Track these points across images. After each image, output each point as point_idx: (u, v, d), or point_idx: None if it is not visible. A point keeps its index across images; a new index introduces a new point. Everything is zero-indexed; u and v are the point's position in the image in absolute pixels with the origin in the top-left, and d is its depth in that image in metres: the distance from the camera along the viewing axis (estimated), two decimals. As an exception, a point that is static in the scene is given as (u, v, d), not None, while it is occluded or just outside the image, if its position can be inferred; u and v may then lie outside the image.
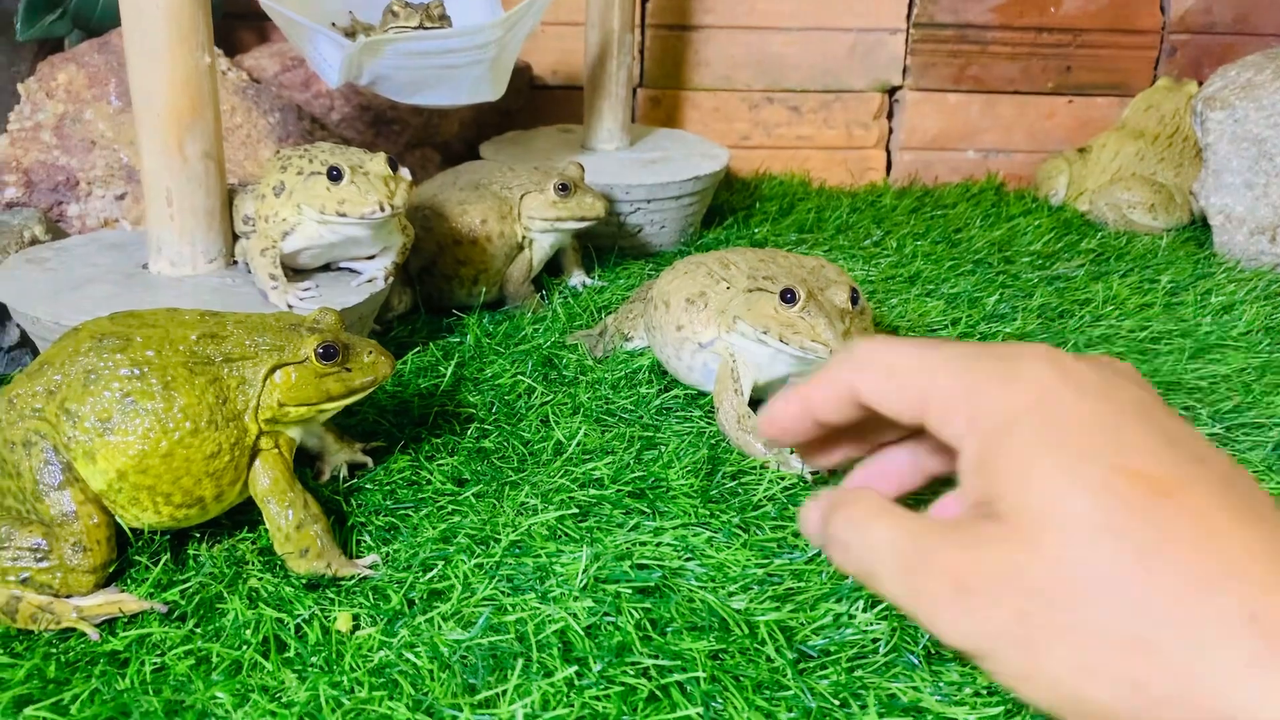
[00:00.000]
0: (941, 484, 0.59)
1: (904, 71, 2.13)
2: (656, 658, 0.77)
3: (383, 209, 1.10)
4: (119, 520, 0.86)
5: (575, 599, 0.83)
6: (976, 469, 0.56)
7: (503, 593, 0.85)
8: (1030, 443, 0.54)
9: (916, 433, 0.63)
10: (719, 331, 1.12)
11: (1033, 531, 0.52)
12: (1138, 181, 1.91)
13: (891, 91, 2.16)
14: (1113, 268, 1.67)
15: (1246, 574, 0.49)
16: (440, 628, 0.81)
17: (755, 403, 1.19)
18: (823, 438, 0.69)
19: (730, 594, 0.85)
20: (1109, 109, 2.18)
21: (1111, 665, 0.51)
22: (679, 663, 0.77)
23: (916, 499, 0.62)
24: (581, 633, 0.79)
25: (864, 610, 0.83)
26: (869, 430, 0.68)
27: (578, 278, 1.57)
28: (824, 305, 1.03)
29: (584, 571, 0.87)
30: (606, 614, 0.82)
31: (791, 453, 1.08)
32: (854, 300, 1.05)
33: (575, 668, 0.76)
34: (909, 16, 2.09)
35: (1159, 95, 2.02)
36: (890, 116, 2.18)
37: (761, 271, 1.12)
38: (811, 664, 0.78)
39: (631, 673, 0.76)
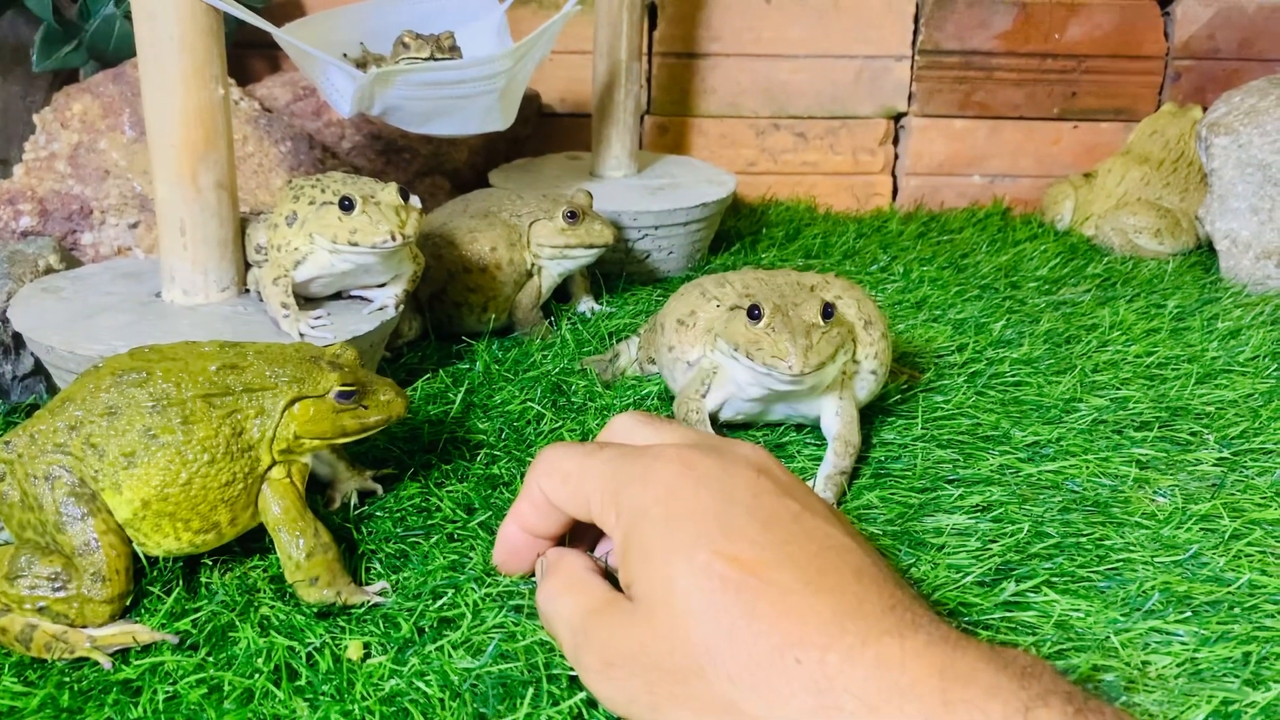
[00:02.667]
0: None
1: (909, 98, 2.14)
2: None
3: (394, 238, 1.11)
4: (140, 549, 0.87)
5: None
6: (622, 558, 0.69)
7: (512, 621, 0.85)
8: (652, 535, 0.66)
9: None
10: (704, 350, 1.13)
11: (652, 613, 0.65)
12: (1143, 206, 1.92)
13: (897, 118, 2.17)
14: (1119, 293, 1.67)
15: (810, 646, 0.59)
16: (451, 656, 0.81)
17: (734, 429, 1.19)
18: (511, 556, 0.84)
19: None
20: (1114, 134, 2.19)
21: None
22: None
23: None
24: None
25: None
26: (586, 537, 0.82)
27: (586, 304, 1.58)
28: (790, 321, 1.03)
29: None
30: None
31: None
32: (826, 315, 1.05)
33: (584, 693, 0.77)
34: (914, 43, 2.10)
35: (1164, 120, 2.03)
36: (896, 142, 2.19)
37: (751, 289, 1.13)
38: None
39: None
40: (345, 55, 1.47)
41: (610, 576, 0.75)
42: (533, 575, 0.86)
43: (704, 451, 0.72)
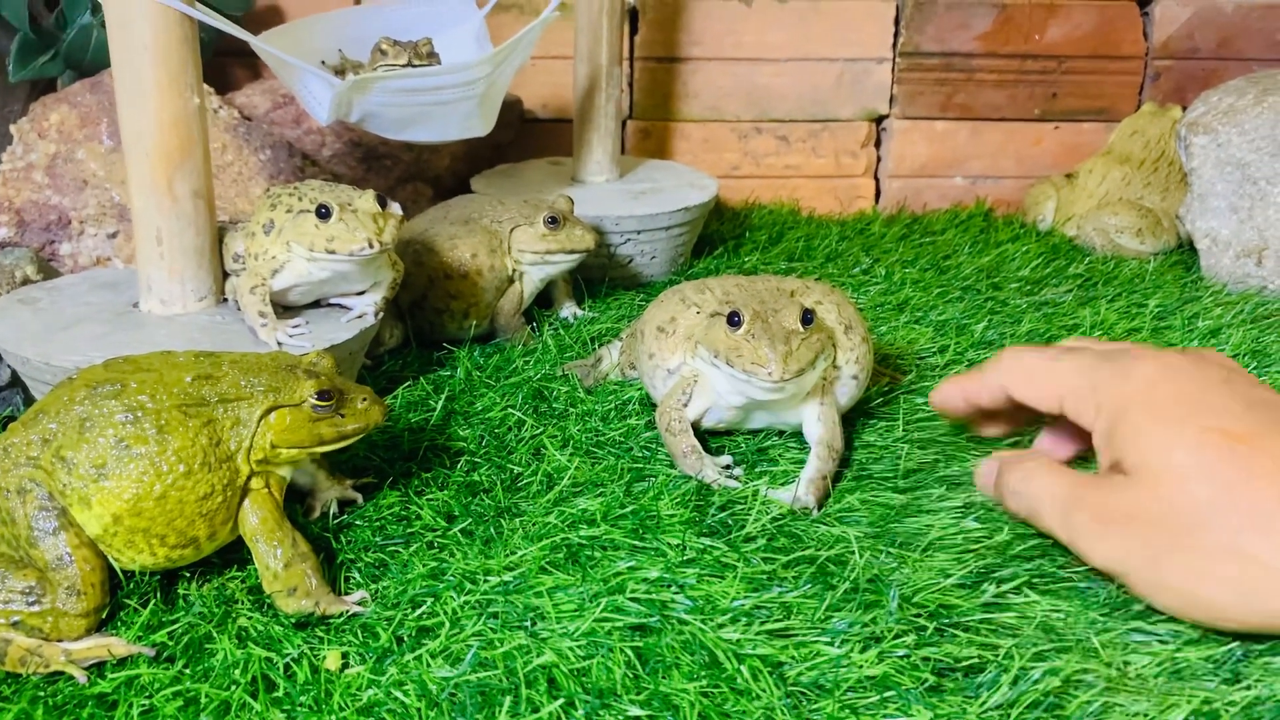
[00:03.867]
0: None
1: (891, 100, 2.15)
2: (647, 703, 0.77)
3: (371, 246, 1.11)
4: (113, 564, 0.86)
5: (565, 636, 0.83)
6: (1105, 442, 0.85)
7: (491, 629, 0.85)
8: (1140, 418, 0.81)
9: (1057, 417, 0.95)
10: (685, 356, 1.13)
11: (1150, 479, 0.80)
12: (1124, 206, 1.92)
13: (879, 120, 2.17)
14: (1100, 292, 1.68)
15: None
16: (429, 665, 0.81)
17: (717, 435, 1.19)
18: (982, 415, 1.06)
19: (720, 626, 0.85)
20: (1095, 135, 2.19)
21: (1219, 570, 0.76)
22: (669, 709, 0.76)
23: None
24: (567, 674, 0.79)
25: (860, 650, 0.82)
26: (1017, 411, 1.02)
27: (568, 309, 1.58)
28: (770, 328, 1.03)
29: (574, 608, 0.87)
30: (596, 652, 0.82)
31: (725, 462, 1.12)
32: (806, 321, 1.05)
33: (563, 700, 0.76)
34: (895, 46, 2.11)
35: (1144, 120, 2.03)
36: (878, 145, 2.19)
37: (731, 295, 1.13)
38: (804, 701, 0.78)
39: (620, 717, 0.76)
40: (324, 63, 1.46)
41: None
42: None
43: (1177, 352, 0.86)
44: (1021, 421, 1.08)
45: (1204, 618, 0.81)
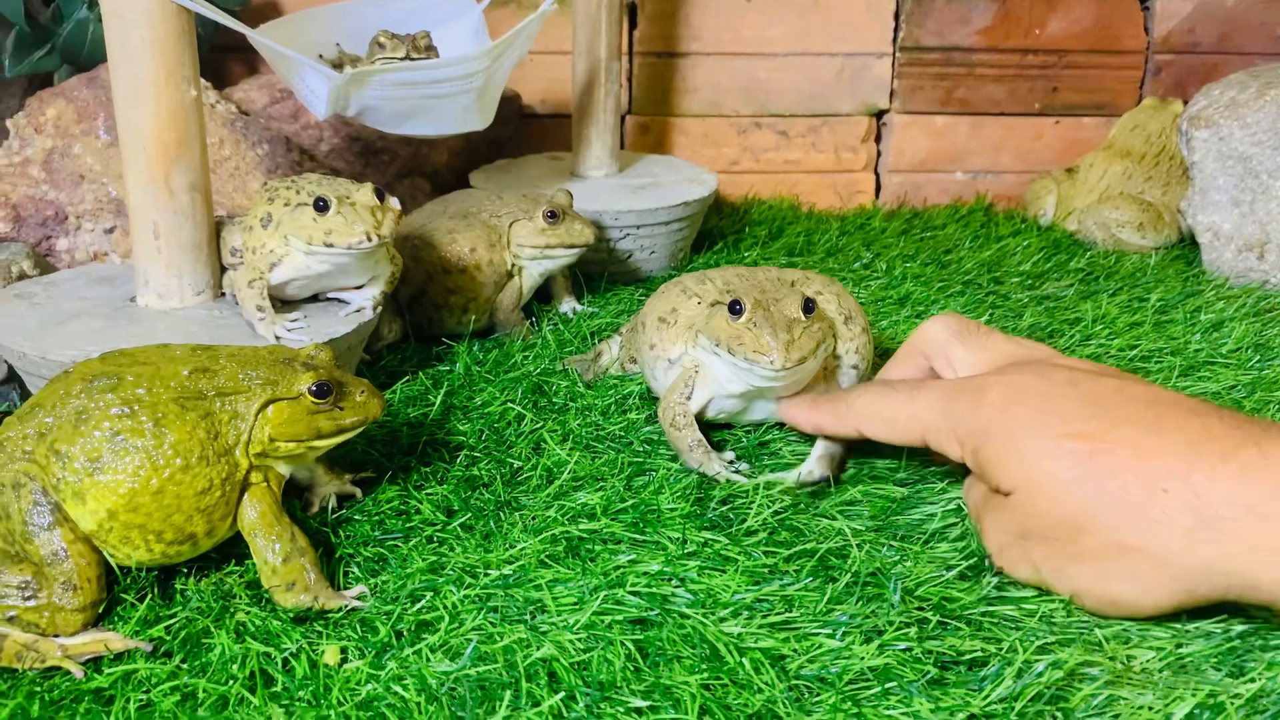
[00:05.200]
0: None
1: (891, 95, 2.14)
2: (648, 694, 0.76)
3: (369, 239, 1.10)
4: (109, 559, 0.86)
5: (565, 630, 0.83)
6: (978, 471, 0.89)
7: (491, 623, 0.84)
8: (999, 442, 0.85)
9: None
10: (686, 347, 1.12)
11: (1026, 497, 0.84)
12: (1126, 200, 1.92)
13: (879, 115, 2.17)
14: (1102, 286, 1.67)
15: (1173, 469, 0.75)
16: (429, 659, 0.80)
17: (718, 428, 1.18)
18: None
19: (721, 619, 0.84)
20: (1095, 129, 2.19)
21: (1113, 569, 0.80)
22: (670, 701, 0.76)
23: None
24: (568, 667, 0.79)
25: (862, 642, 0.82)
26: None
27: (568, 304, 1.57)
28: (772, 316, 1.02)
29: (574, 601, 0.87)
30: (596, 645, 0.81)
31: (729, 457, 1.11)
32: (808, 310, 1.04)
33: (563, 694, 0.76)
34: (895, 40, 2.10)
35: (1145, 115, 2.03)
36: (878, 139, 2.19)
37: (732, 285, 1.13)
38: (806, 694, 0.78)
39: (621, 709, 0.75)
40: (321, 56, 1.45)
41: None
42: None
43: (1018, 369, 0.90)
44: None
45: (1125, 613, 0.83)
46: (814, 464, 1.07)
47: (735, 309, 1.03)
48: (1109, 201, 1.93)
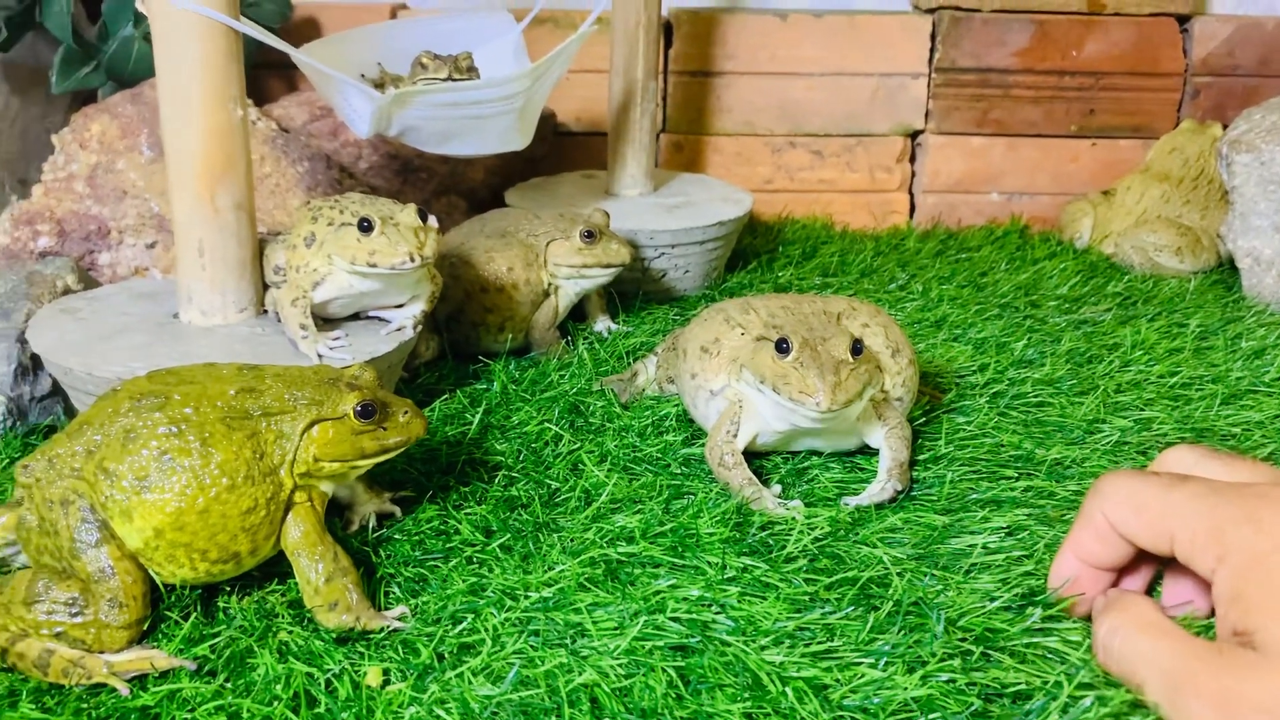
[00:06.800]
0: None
1: (926, 115, 2.13)
2: None
3: (413, 259, 1.11)
4: (154, 576, 0.86)
5: (606, 655, 0.83)
6: (1231, 601, 0.67)
7: (532, 647, 0.84)
8: None
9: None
10: (728, 379, 1.12)
11: None
12: (1163, 224, 1.90)
13: (914, 135, 2.16)
14: (1140, 311, 1.66)
15: None
16: (471, 683, 0.80)
17: (758, 455, 1.18)
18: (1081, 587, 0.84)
19: (762, 647, 0.84)
20: (1132, 152, 2.17)
21: None
22: (712, 722, 0.76)
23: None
24: (610, 693, 0.78)
25: (905, 673, 0.81)
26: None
27: (603, 323, 1.57)
28: (819, 356, 1.02)
29: (614, 626, 0.86)
30: (638, 671, 0.81)
31: (770, 486, 1.09)
32: (856, 351, 1.04)
33: (608, 719, 0.76)
34: (931, 61, 2.10)
35: (1183, 138, 2.02)
36: (913, 160, 2.18)
37: (778, 319, 1.12)
38: (847, 722, 0.77)
39: (665, 731, 0.75)
40: (363, 76, 1.47)
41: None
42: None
43: None
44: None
45: None
46: (884, 477, 1.07)
47: (783, 347, 1.03)
48: (1147, 225, 1.92)
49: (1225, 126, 1.91)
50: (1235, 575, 0.68)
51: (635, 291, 1.67)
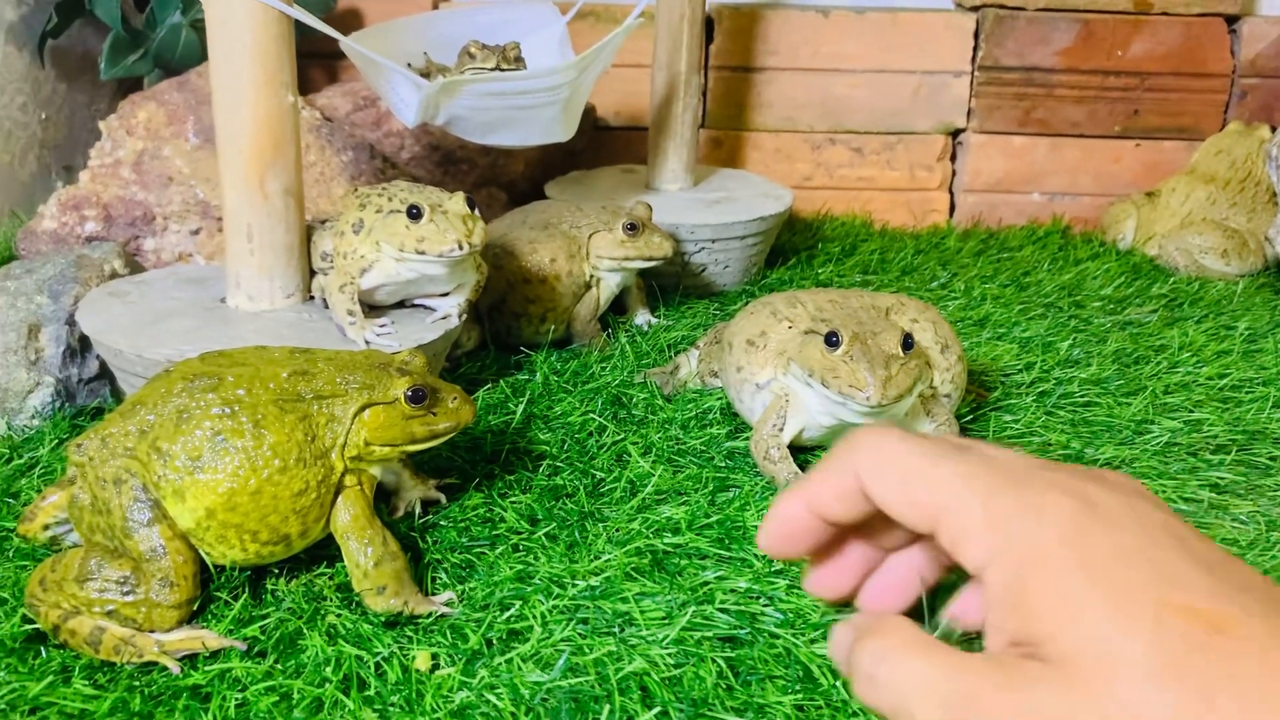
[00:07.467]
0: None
1: (968, 114, 2.12)
2: (741, 712, 0.76)
3: (461, 247, 1.11)
4: (205, 557, 0.87)
5: (655, 644, 0.82)
6: (1010, 605, 0.54)
7: (580, 634, 0.84)
8: (1069, 580, 0.52)
9: (920, 537, 0.62)
10: (775, 372, 1.11)
11: (1087, 675, 0.50)
12: (1209, 226, 1.88)
13: (955, 134, 2.15)
14: (1187, 313, 1.64)
15: None
16: (520, 669, 0.80)
17: (803, 450, 1.17)
18: (827, 550, 0.65)
19: (812, 640, 0.83)
20: (1176, 153, 2.15)
21: None
22: (763, 719, 0.75)
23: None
24: (660, 682, 0.78)
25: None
26: (875, 534, 0.64)
27: (643, 317, 1.57)
28: (869, 350, 1.01)
29: (662, 616, 0.86)
30: (687, 661, 0.81)
31: None
32: (907, 346, 1.02)
33: (657, 709, 0.75)
34: (974, 59, 2.08)
35: (1230, 139, 1.99)
36: (953, 159, 2.17)
37: (825, 313, 1.11)
38: (900, 716, 0.76)
39: (717, 722, 0.75)
40: (410, 65, 1.47)
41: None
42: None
43: (1095, 483, 0.57)
44: (874, 558, 0.66)
45: None
46: None
47: (832, 341, 1.02)
48: (1192, 227, 1.89)
49: (1274, 129, 1.88)
50: (1014, 576, 0.55)
51: (675, 286, 1.66)
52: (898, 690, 0.55)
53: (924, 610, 0.61)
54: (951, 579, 0.59)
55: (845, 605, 0.67)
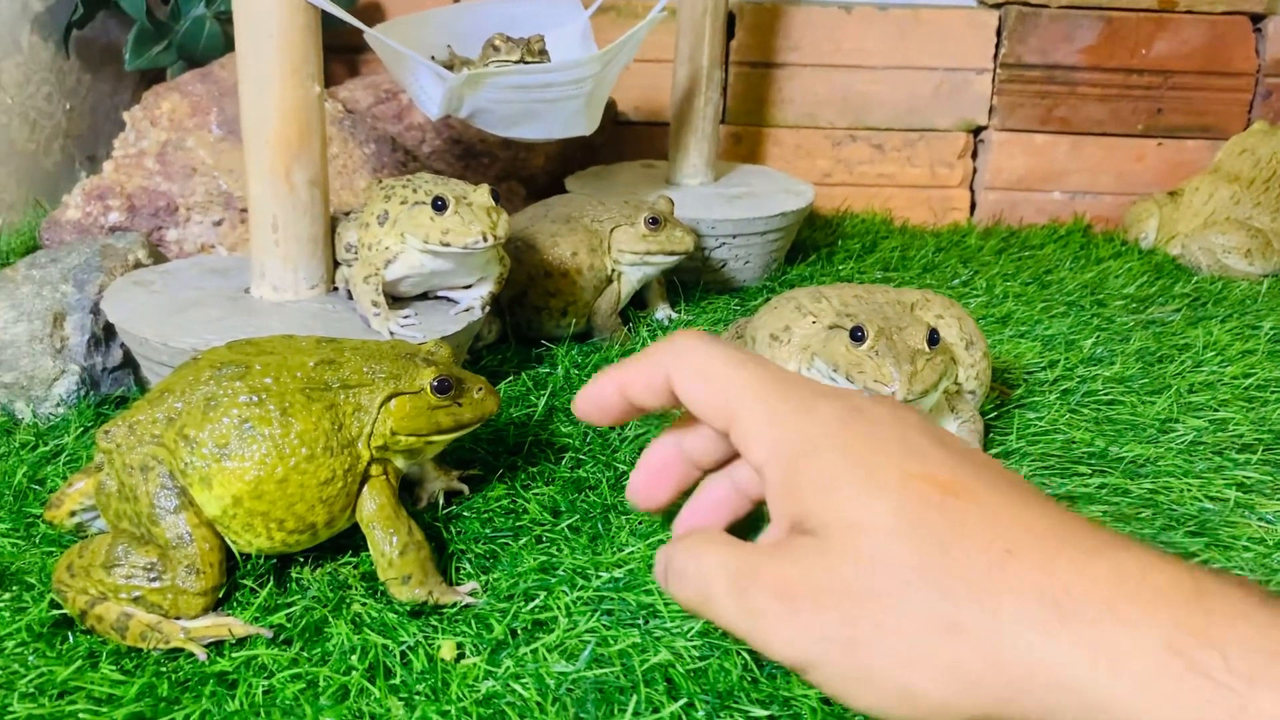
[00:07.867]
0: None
1: (990, 111, 2.11)
2: (767, 705, 0.76)
3: (486, 239, 1.11)
4: (231, 545, 0.87)
5: (680, 636, 0.82)
6: (784, 493, 0.61)
7: (605, 626, 0.84)
8: (830, 463, 0.59)
9: (734, 457, 0.70)
10: (799, 367, 1.11)
11: (844, 539, 0.57)
12: (1233, 226, 1.87)
13: (977, 131, 2.14)
14: (1210, 313, 1.63)
15: (1031, 553, 0.53)
16: (545, 659, 0.80)
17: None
18: (653, 476, 0.73)
19: (837, 636, 0.83)
20: (1199, 152, 2.14)
21: (931, 651, 0.54)
22: (789, 713, 0.75)
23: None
24: (685, 674, 0.78)
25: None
26: (688, 447, 0.72)
27: (663, 311, 1.57)
28: (895, 345, 1.00)
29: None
30: (712, 653, 0.80)
31: None
32: (933, 342, 1.02)
33: (683, 700, 0.75)
34: (996, 57, 2.07)
35: (1254, 139, 1.98)
36: (975, 156, 2.16)
37: (850, 308, 1.11)
38: (926, 711, 0.76)
39: (742, 719, 0.74)
40: (433, 58, 1.47)
41: None
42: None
43: (862, 398, 0.65)
44: (692, 476, 0.74)
45: (917, 715, 0.58)
46: None
47: (857, 335, 1.01)
48: (1215, 226, 1.88)
49: (1299, 127, 1.87)
50: (787, 465, 0.62)
51: (695, 280, 1.66)
52: (701, 576, 0.62)
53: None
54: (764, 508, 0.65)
55: None
